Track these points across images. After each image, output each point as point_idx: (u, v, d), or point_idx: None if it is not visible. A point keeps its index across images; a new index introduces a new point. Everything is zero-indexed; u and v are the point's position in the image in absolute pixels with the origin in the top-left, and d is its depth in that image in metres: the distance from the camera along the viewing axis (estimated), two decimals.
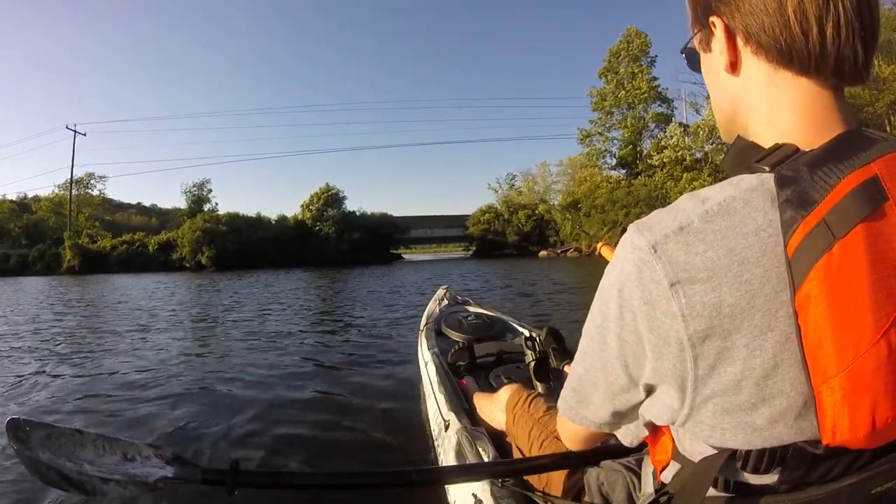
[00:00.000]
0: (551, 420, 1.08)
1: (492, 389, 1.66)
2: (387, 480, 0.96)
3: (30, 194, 54.19)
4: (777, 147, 0.46)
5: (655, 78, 36.23)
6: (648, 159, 33.45)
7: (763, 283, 0.41)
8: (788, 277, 0.40)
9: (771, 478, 0.46)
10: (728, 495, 0.49)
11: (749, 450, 0.45)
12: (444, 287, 3.73)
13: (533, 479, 1.04)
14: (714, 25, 0.50)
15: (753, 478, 0.47)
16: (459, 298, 3.52)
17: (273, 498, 1.70)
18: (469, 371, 2.04)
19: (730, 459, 0.46)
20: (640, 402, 0.53)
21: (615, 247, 0.51)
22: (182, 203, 43.14)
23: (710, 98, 0.56)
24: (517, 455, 1.17)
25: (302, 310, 8.30)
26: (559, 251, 36.11)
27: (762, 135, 0.49)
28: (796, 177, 0.42)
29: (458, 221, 46.41)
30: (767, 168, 0.44)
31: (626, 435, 0.58)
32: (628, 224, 0.48)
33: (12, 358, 4.71)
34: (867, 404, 0.39)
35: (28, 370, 4.13)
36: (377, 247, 41.27)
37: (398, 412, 2.74)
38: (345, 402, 2.99)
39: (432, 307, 3.20)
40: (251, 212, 43.14)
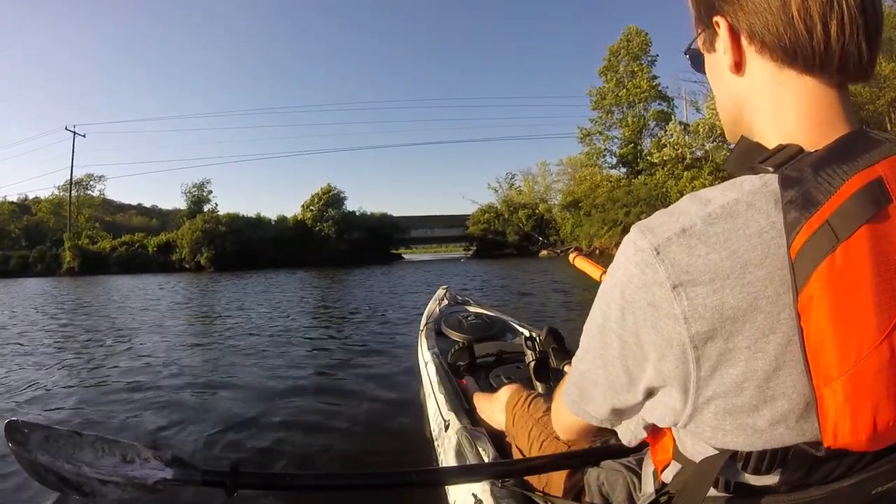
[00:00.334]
0: (551, 420, 1.08)
1: (492, 389, 1.66)
2: (387, 481, 0.96)
3: (30, 196, 54.31)
4: (781, 148, 0.46)
5: (656, 77, 36.27)
6: (649, 157, 33.41)
7: (766, 286, 0.40)
8: (791, 279, 0.40)
9: (771, 479, 0.46)
10: (728, 496, 0.49)
11: (750, 451, 0.45)
12: (444, 287, 3.72)
13: (533, 479, 1.04)
14: (718, 25, 0.49)
15: (754, 479, 0.46)
16: (459, 298, 3.51)
17: (273, 499, 1.70)
18: (469, 371, 2.04)
19: (730, 460, 0.46)
20: (639, 403, 0.52)
21: (588, 258, 0.51)
22: (182, 204, 43.31)
23: (715, 98, 0.56)
24: (517, 455, 1.17)
25: (301, 310, 8.31)
26: (559, 251, 36.10)
27: (766, 135, 0.49)
28: (800, 178, 0.42)
29: (459, 221, 46.28)
30: (771, 169, 0.44)
31: (626, 433, 0.58)
32: (629, 223, 0.48)
33: (11, 359, 4.70)
34: (869, 407, 0.39)
35: (26, 371, 4.14)
36: (377, 247, 41.24)
37: (398, 412, 2.74)
38: (345, 403, 2.99)
39: (432, 307, 3.20)
40: (251, 212, 43.27)
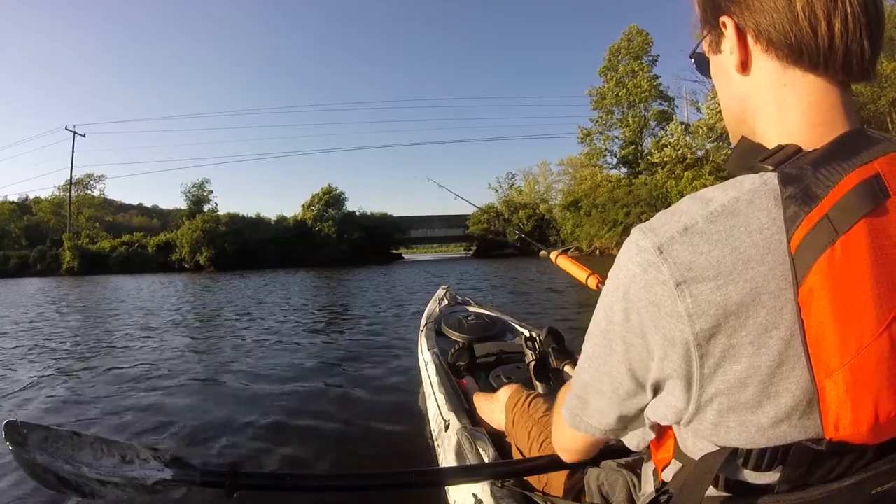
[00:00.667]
0: (551, 420, 1.08)
1: (492, 389, 1.66)
2: (387, 482, 0.96)
3: (31, 195, 54.34)
4: (780, 147, 0.47)
5: (656, 76, 36.21)
6: (649, 157, 33.38)
7: (767, 281, 0.41)
8: (792, 273, 0.40)
9: (772, 476, 0.46)
10: (728, 495, 0.49)
11: (751, 448, 0.45)
12: (444, 287, 3.73)
13: (533, 480, 1.04)
14: (724, 25, 0.50)
15: (754, 476, 0.47)
16: (459, 298, 3.51)
17: (272, 500, 1.69)
18: (469, 371, 2.04)
19: (731, 457, 0.46)
20: (645, 407, 0.52)
21: (570, 255, 0.52)
22: (183, 204, 43.31)
23: (719, 100, 0.57)
24: (517, 455, 1.17)
25: (301, 310, 8.28)
26: (559, 251, 35.96)
27: (769, 135, 0.50)
28: (800, 174, 0.42)
29: (459, 221, 46.24)
30: (771, 167, 0.45)
31: (633, 440, 0.57)
32: (629, 223, 0.48)
33: (9, 360, 4.69)
34: (870, 398, 0.39)
35: (25, 372, 4.12)
36: (377, 247, 41.23)
37: (398, 412, 2.74)
38: (344, 403, 2.99)
39: (432, 307, 3.20)
40: (252, 212, 43.21)
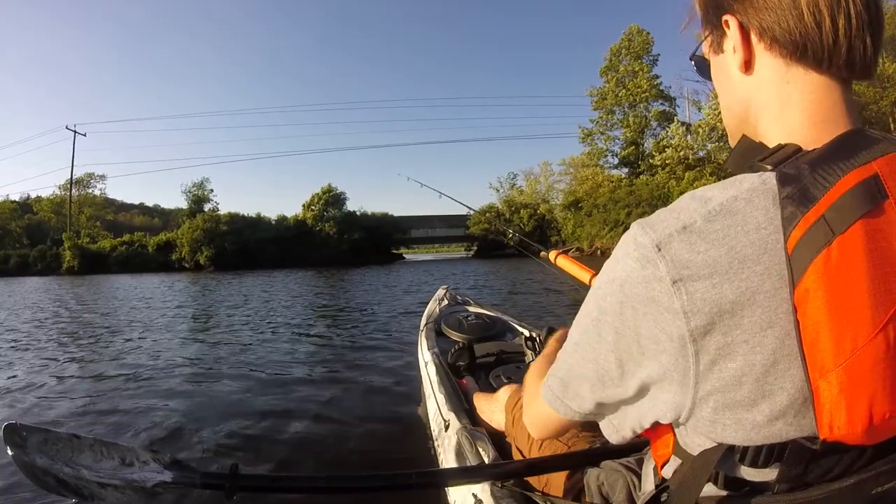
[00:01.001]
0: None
1: (492, 389, 1.66)
2: (387, 483, 0.96)
3: (32, 195, 54.38)
4: (780, 147, 0.47)
5: (657, 76, 36.16)
6: (650, 159, 33.33)
7: (764, 280, 0.41)
8: (788, 273, 0.40)
9: (770, 473, 0.46)
10: (727, 493, 0.49)
11: (748, 445, 0.45)
12: (444, 287, 3.72)
13: (533, 480, 1.03)
14: (727, 24, 0.51)
15: (752, 473, 0.47)
16: (459, 298, 3.51)
17: (272, 502, 1.69)
18: (469, 371, 2.04)
19: (728, 453, 0.46)
20: (626, 400, 0.52)
21: (572, 257, 0.52)
22: (184, 203, 43.32)
23: (720, 101, 0.57)
24: (517, 455, 1.17)
25: (301, 310, 8.28)
26: (558, 250, 35.91)
27: (770, 134, 0.50)
28: (798, 174, 0.42)
29: (460, 221, 46.15)
30: (770, 167, 0.45)
31: (608, 427, 0.57)
32: (630, 224, 0.48)
33: (7, 360, 4.66)
34: (865, 399, 0.39)
35: (23, 373, 4.10)
36: (378, 247, 41.27)
37: (398, 412, 2.74)
38: (344, 403, 2.99)
39: (432, 307, 3.20)
40: (253, 212, 43.23)
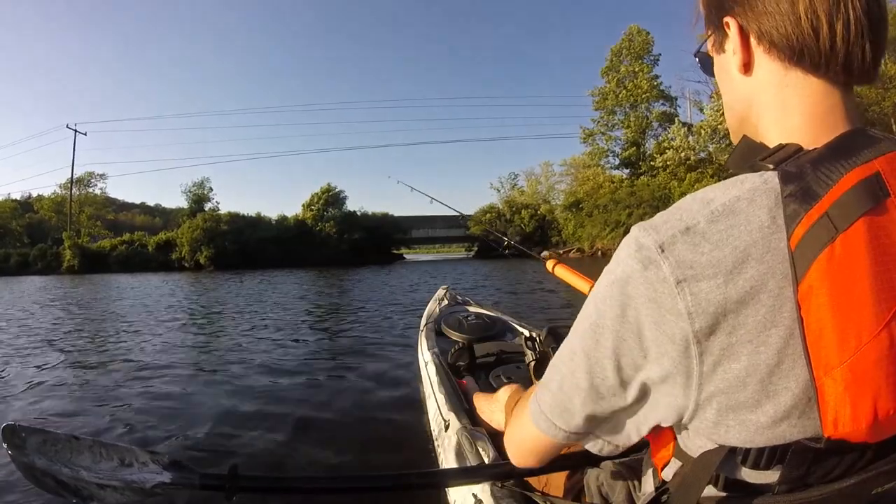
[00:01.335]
0: None
1: (492, 389, 1.65)
2: (386, 484, 0.95)
3: (33, 193, 54.41)
4: (781, 146, 0.47)
5: (657, 76, 36.12)
6: (651, 161, 33.30)
7: (767, 280, 0.41)
8: (791, 270, 0.40)
9: (771, 475, 0.46)
10: (727, 494, 0.49)
11: (750, 447, 0.45)
12: (444, 287, 3.72)
13: (533, 480, 1.03)
14: (728, 26, 0.51)
15: (754, 475, 0.47)
16: (459, 298, 3.51)
17: (272, 502, 1.69)
18: (469, 371, 2.04)
19: (730, 455, 0.46)
20: (622, 409, 0.52)
21: (570, 257, 0.51)
22: (184, 203, 43.30)
23: (723, 100, 0.57)
24: None
25: (301, 310, 8.28)
26: (561, 251, 35.94)
27: (771, 134, 0.50)
28: (800, 173, 0.43)
29: (460, 221, 45.95)
30: (771, 166, 0.45)
31: (595, 445, 0.57)
32: (631, 224, 0.48)
33: (5, 360, 4.64)
34: (869, 395, 0.39)
35: (21, 374, 4.08)
36: (378, 247, 41.20)
37: (398, 412, 2.74)
38: (344, 403, 2.99)
39: (432, 307, 3.20)
40: (253, 212, 43.20)
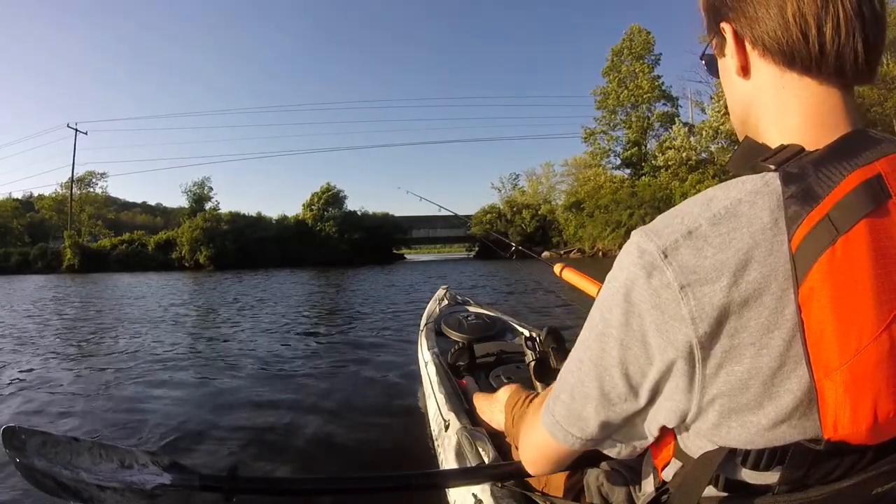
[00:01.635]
0: None
1: (492, 389, 1.65)
2: (386, 485, 0.95)
3: (35, 193, 54.46)
4: (782, 147, 0.47)
5: (659, 76, 36.04)
6: (653, 160, 33.22)
7: (769, 282, 0.41)
8: (792, 272, 0.40)
9: (771, 476, 0.46)
10: (727, 494, 0.49)
11: (750, 448, 0.45)
12: (444, 287, 3.72)
13: (532, 480, 1.03)
14: (724, 31, 0.51)
15: (754, 476, 0.47)
16: (459, 298, 3.51)
17: None
18: (469, 371, 2.04)
19: (730, 456, 0.46)
20: (635, 413, 0.51)
21: (577, 269, 0.51)
22: (185, 202, 43.26)
23: (727, 101, 0.58)
24: (516, 456, 1.16)
25: (299, 310, 8.27)
26: (562, 252, 35.89)
27: (771, 135, 0.50)
28: (801, 174, 0.43)
29: (461, 222, 45.74)
30: (773, 167, 0.45)
31: (613, 449, 0.56)
32: (632, 225, 0.48)
33: (3, 360, 4.62)
34: (869, 397, 0.39)
35: (21, 375, 4.06)
36: (379, 247, 41.15)
37: (398, 412, 2.75)
38: (345, 403, 2.99)
39: (432, 307, 3.20)
40: (254, 211, 43.15)
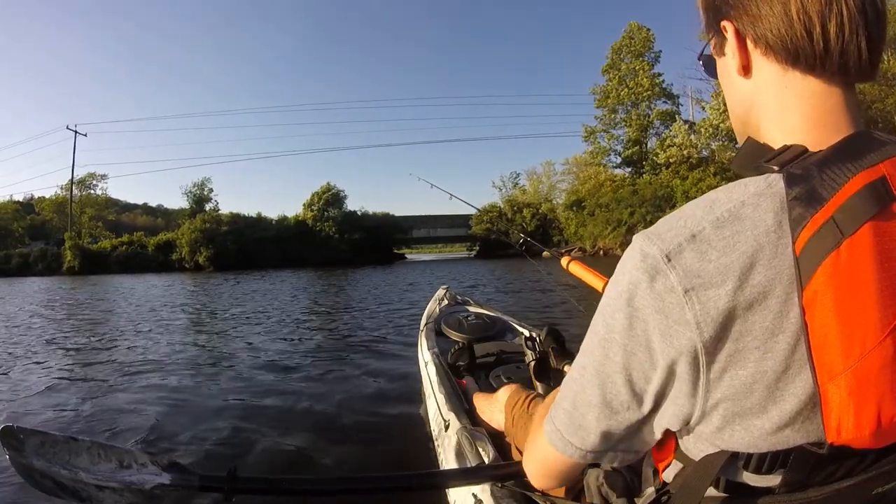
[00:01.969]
0: None
1: (492, 389, 1.66)
2: (386, 485, 0.95)
3: (35, 195, 54.54)
4: (786, 148, 0.46)
5: (659, 74, 35.94)
6: (654, 158, 33.14)
7: (774, 285, 0.41)
8: (796, 275, 0.40)
9: (773, 479, 0.46)
10: (728, 496, 0.48)
11: (752, 452, 0.45)
12: (444, 287, 3.72)
13: None
14: (725, 30, 0.51)
15: (755, 479, 0.47)
16: (459, 298, 3.51)
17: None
18: (469, 371, 2.04)
19: (732, 458, 0.46)
20: (637, 423, 0.50)
21: (585, 263, 0.51)
22: (185, 203, 43.27)
23: (726, 101, 0.57)
24: (517, 455, 1.17)
25: (300, 311, 8.28)
26: (563, 251, 35.65)
27: (773, 136, 0.50)
28: (806, 175, 0.42)
29: (462, 221, 45.81)
30: (776, 168, 0.44)
31: (615, 459, 0.55)
32: (633, 223, 0.47)
33: (2, 360, 4.63)
34: (873, 402, 0.39)
35: (20, 374, 4.07)
36: (379, 247, 41.13)
37: (398, 412, 2.75)
38: (344, 403, 2.99)
39: (432, 307, 3.20)
40: (254, 212, 43.18)
